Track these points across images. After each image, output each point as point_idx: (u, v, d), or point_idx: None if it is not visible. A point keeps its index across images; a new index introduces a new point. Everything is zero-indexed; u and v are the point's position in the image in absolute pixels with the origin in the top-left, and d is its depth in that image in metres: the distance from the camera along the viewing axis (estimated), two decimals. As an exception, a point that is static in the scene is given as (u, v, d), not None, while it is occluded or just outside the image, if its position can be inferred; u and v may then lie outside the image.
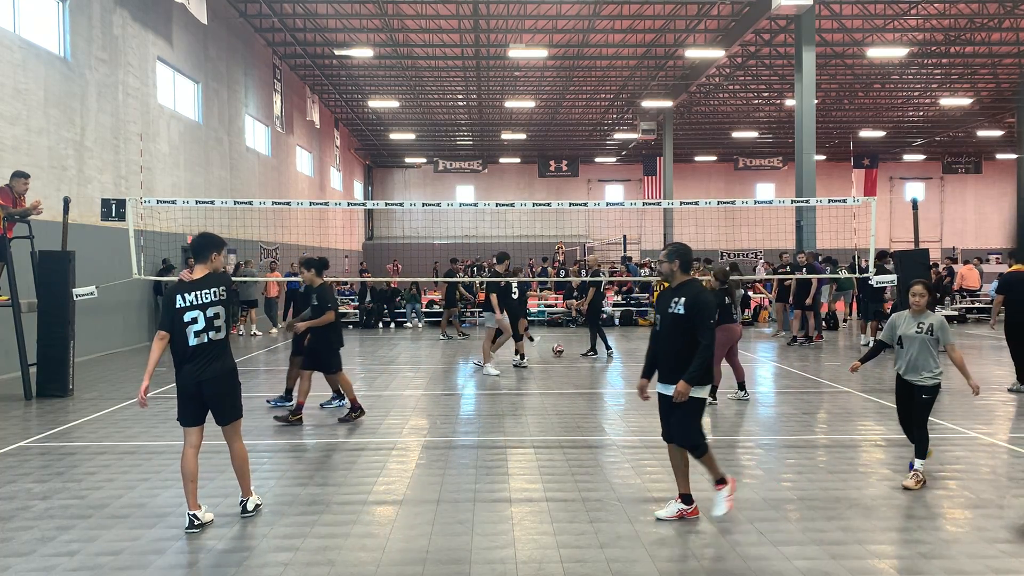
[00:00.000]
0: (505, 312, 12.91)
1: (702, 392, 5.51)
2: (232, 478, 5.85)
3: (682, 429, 5.53)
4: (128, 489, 6.36)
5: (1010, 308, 10.84)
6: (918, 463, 6.41)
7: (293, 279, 21.66)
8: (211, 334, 5.41)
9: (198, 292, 5.40)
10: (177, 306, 5.36)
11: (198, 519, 5.37)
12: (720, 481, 5.54)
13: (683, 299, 5.46)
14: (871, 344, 15.98)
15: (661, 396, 5.64)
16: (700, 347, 5.38)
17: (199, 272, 5.50)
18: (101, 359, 14.78)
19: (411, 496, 6.14)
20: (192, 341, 5.36)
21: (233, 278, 18.40)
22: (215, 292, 5.45)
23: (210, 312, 5.40)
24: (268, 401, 9.90)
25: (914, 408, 6.49)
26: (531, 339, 16.25)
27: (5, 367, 12.13)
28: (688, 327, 5.44)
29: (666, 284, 5.84)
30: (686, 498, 5.62)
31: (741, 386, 10.21)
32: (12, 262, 10.51)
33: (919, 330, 6.43)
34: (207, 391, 5.41)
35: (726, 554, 4.94)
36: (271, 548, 5.08)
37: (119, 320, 16.30)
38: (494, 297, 12.76)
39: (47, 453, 7.62)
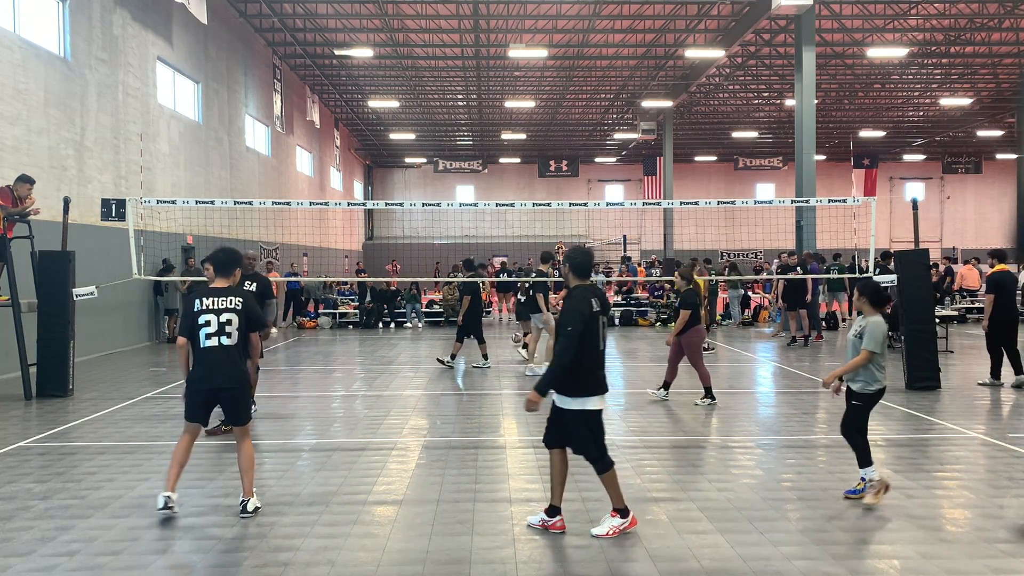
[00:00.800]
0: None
1: (590, 404, 5.23)
2: (232, 478, 5.85)
3: (577, 440, 5.31)
4: (128, 489, 6.35)
5: (998, 305, 11.10)
6: (865, 472, 5.89)
7: (293, 279, 21.75)
8: (222, 339, 5.62)
9: (215, 298, 5.68)
10: (195, 309, 5.65)
11: (172, 501, 5.59)
12: (621, 512, 5.25)
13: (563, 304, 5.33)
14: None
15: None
16: (554, 354, 5.18)
17: (219, 283, 5.81)
18: (101, 359, 14.78)
19: (411, 496, 6.14)
20: (203, 343, 5.61)
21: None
22: (231, 300, 5.70)
23: (223, 318, 5.63)
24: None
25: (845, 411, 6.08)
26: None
27: (5, 367, 12.13)
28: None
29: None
30: (553, 510, 5.34)
31: (666, 386, 10.15)
32: (12, 262, 10.51)
33: (855, 333, 6.05)
34: (221, 397, 5.70)
35: (726, 554, 4.94)
36: (271, 548, 5.08)
37: (119, 320, 16.29)
38: (540, 297, 12.76)
39: (47, 453, 7.62)
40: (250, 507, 5.67)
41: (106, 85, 15.98)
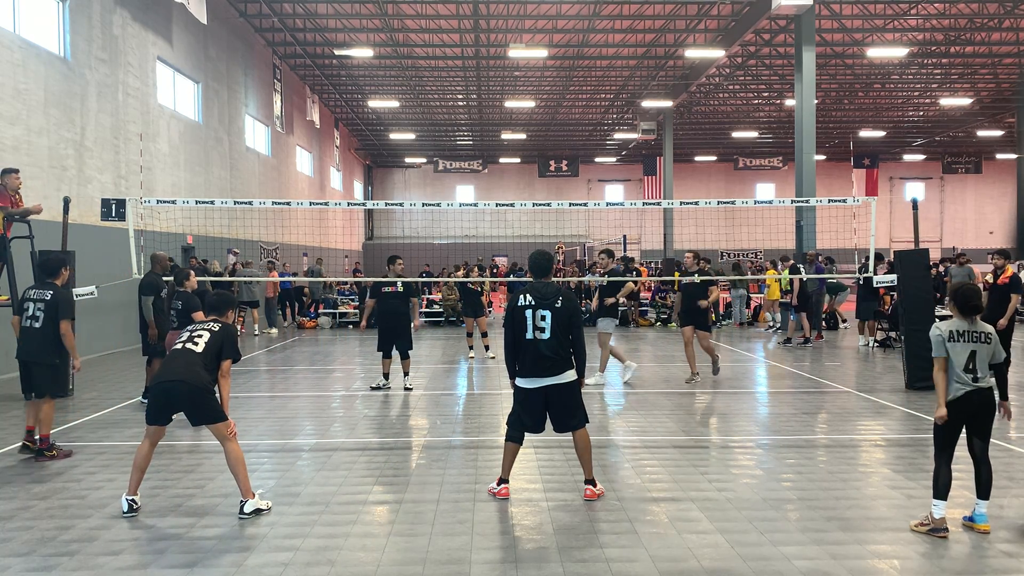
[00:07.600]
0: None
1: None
2: (232, 478, 5.85)
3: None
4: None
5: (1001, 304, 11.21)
6: (933, 505, 5.30)
7: (286, 279, 21.76)
8: (188, 344, 5.93)
9: (198, 326, 6.14)
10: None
11: (136, 504, 5.77)
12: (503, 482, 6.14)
13: None
14: (870, 345, 16.14)
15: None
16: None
17: (210, 317, 6.27)
18: (101, 359, 14.78)
19: (411, 496, 6.14)
20: (175, 348, 6.00)
21: (234, 278, 18.43)
22: (210, 323, 6.13)
23: (195, 334, 6.02)
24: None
25: None
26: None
27: (5, 367, 12.13)
28: None
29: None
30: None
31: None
32: (12, 262, 10.50)
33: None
34: (173, 394, 5.76)
35: (726, 554, 4.93)
36: (271, 548, 5.07)
37: (119, 320, 16.28)
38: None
39: (47, 453, 7.61)
40: (248, 508, 5.65)
41: (106, 85, 15.98)
